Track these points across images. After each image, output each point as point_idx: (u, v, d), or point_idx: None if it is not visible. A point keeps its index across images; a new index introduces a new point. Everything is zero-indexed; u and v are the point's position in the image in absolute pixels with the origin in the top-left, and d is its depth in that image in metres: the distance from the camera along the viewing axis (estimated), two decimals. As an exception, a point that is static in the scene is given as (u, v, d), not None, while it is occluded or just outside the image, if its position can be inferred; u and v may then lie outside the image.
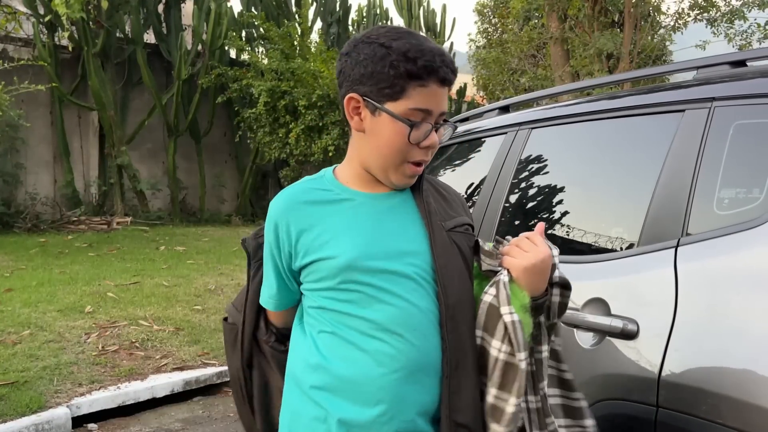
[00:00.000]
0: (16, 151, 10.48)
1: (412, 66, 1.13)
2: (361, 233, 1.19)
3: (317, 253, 1.19)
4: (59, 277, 6.48)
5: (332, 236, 1.19)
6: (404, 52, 1.14)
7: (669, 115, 1.72)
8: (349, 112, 1.21)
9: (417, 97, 1.15)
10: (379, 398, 1.14)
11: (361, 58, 1.18)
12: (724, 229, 1.44)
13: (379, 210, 1.23)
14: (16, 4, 10.74)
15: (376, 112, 1.17)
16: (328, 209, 1.22)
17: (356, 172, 1.25)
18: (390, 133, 1.17)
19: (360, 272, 1.17)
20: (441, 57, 1.16)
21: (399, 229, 1.22)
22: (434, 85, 1.15)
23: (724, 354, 1.33)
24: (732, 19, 12.25)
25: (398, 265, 1.18)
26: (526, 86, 14.00)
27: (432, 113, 1.17)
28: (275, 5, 13.00)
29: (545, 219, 2.15)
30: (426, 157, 1.21)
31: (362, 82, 1.18)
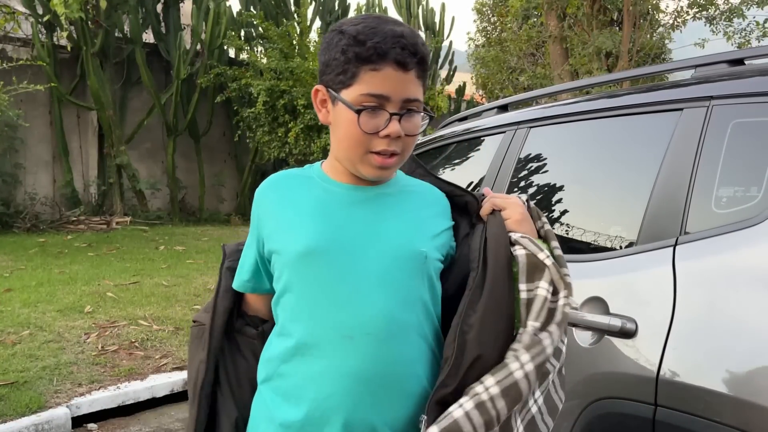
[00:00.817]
0: (15, 151, 10.47)
1: (360, 48, 1.06)
2: (326, 221, 1.13)
3: (278, 239, 1.15)
4: (59, 277, 6.48)
5: (296, 222, 1.14)
6: (354, 35, 1.07)
7: (667, 114, 1.73)
8: (317, 104, 1.17)
9: (369, 81, 1.07)
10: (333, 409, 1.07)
11: (323, 47, 1.14)
12: (723, 228, 1.44)
13: (352, 200, 1.16)
14: (15, 3, 10.72)
15: (335, 101, 1.12)
16: (301, 194, 1.18)
17: (336, 166, 1.19)
18: (345, 122, 1.10)
19: (316, 262, 1.10)
20: (396, 39, 1.06)
21: (371, 218, 1.15)
22: (388, 68, 1.06)
23: (723, 352, 1.34)
24: (731, 18, 12.25)
25: (364, 255, 1.11)
26: (525, 85, 14.01)
27: (390, 99, 1.07)
28: (274, 4, 12.98)
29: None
30: (389, 147, 1.10)
31: (324, 72, 1.13)
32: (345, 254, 1.11)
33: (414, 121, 1.12)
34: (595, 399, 1.59)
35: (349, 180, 1.18)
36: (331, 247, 1.11)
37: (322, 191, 1.17)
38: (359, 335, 1.07)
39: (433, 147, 3.02)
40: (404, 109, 1.10)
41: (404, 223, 1.16)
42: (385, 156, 1.11)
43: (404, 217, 1.17)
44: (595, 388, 1.60)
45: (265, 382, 1.18)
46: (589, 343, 1.63)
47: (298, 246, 1.11)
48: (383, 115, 1.08)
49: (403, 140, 1.11)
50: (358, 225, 1.13)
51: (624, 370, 1.52)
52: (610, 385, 1.55)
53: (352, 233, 1.12)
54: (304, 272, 1.11)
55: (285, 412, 1.12)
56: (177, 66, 11.43)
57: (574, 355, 1.68)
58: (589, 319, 1.64)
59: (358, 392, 1.07)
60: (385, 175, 1.16)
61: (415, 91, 1.11)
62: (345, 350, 1.07)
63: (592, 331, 1.63)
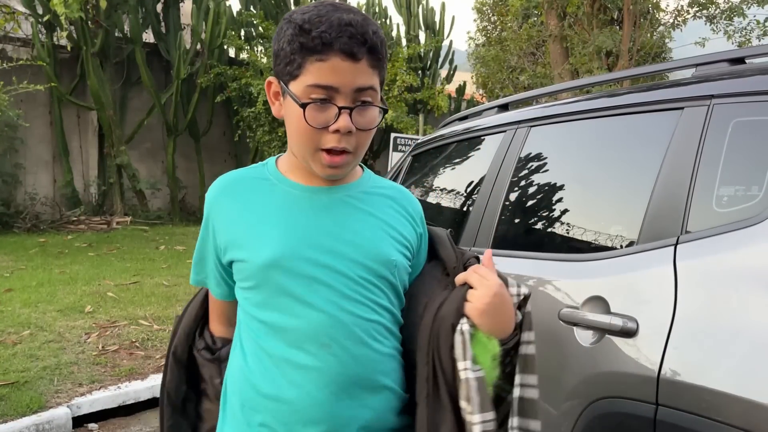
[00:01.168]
0: (15, 151, 10.47)
1: (305, 38, 0.99)
2: (291, 228, 1.07)
3: (241, 248, 1.09)
4: (59, 277, 6.48)
5: (259, 230, 1.08)
6: (300, 24, 1.01)
7: (668, 113, 1.72)
8: (270, 97, 1.11)
9: (316, 72, 1.00)
10: (313, 418, 1.04)
11: (274, 37, 1.08)
12: (724, 227, 1.44)
13: (316, 205, 1.10)
14: (15, 3, 10.72)
15: (285, 94, 1.06)
16: (261, 200, 1.11)
17: (292, 162, 1.13)
18: (294, 116, 1.03)
19: (283, 273, 1.05)
20: (343, 27, 0.99)
21: (337, 225, 1.09)
22: (335, 58, 0.99)
23: (724, 351, 1.33)
24: (731, 16, 12.25)
25: (331, 263, 1.07)
26: (525, 84, 14.00)
27: (339, 90, 1.00)
28: (274, 4, 12.98)
29: (545, 217, 2.16)
30: (339, 144, 1.03)
31: (275, 63, 1.07)
32: (312, 264, 1.06)
33: (368, 115, 1.05)
34: (596, 398, 1.59)
35: (309, 180, 1.12)
36: (297, 257, 1.06)
37: (282, 195, 1.11)
38: (334, 343, 1.05)
39: (434, 147, 3.02)
40: (356, 101, 1.03)
41: (371, 230, 1.12)
42: (334, 154, 1.04)
43: (371, 223, 1.12)
44: (595, 388, 1.60)
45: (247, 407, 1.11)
46: (590, 342, 1.63)
47: (262, 257, 1.06)
48: (332, 109, 1.01)
49: (356, 136, 1.04)
50: (323, 233, 1.08)
51: (625, 370, 1.52)
52: (611, 384, 1.55)
53: (318, 241, 1.07)
54: (272, 281, 1.06)
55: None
56: (177, 66, 11.42)
57: (574, 355, 1.68)
58: (590, 318, 1.64)
59: (338, 395, 1.05)
60: (337, 174, 1.08)
61: (367, 80, 1.03)
62: (324, 357, 1.05)
63: (593, 331, 1.63)
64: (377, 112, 1.07)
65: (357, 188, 1.15)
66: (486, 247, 2.18)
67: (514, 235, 2.21)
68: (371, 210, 1.14)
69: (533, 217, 2.20)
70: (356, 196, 1.14)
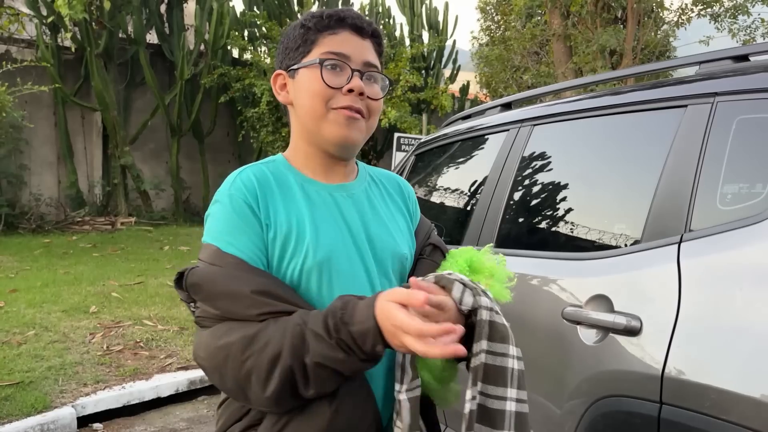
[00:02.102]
0: (20, 152, 10.51)
1: (319, 19, 1.13)
2: (329, 229, 1.11)
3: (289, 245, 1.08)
4: (64, 277, 6.50)
5: (301, 229, 1.08)
6: (311, 14, 1.15)
7: (671, 111, 1.72)
8: (276, 90, 1.19)
9: (329, 43, 1.12)
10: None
11: (282, 38, 1.19)
12: (728, 225, 1.43)
13: (342, 205, 1.15)
14: (19, 5, 10.75)
15: (295, 73, 1.15)
16: (288, 194, 1.12)
17: (304, 152, 1.17)
18: (308, 82, 1.11)
19: (327, 271, 1.08)
20: (350, 10, 1.15)
21: (364, 224, 1.16)
22: (346, 32, 1.13)
23: (728, 350, 1.33)
24: (736, 15, 12.21)
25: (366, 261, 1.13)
26: (529, 83, 13.98)
27: (350, 58, 1.11)
28: (277, 4, 12.98)
29: (548, 216, 2.15)
30: (354, 103, 1.10)
31: (282, 59, 1.18)
32: (351, 263, 1.11)
33: (376, 87, 1.15)
34: (600, 397, 1.58)
35: (325, 177, 1.17)
36: (339, 256, 1.10)
37: (308, 194, 1.13)
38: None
39: (437, 145, 3.02)
40: (365, 70, 1.13)
41: (385, 226, 1.20)
42: (351, 110, 1.10)
43: (384, 219, 1.20)
44: (599, 386, 1.59)
45: None
46: (594, 341, 1.63)
47: (308, 256, 1.07)
48: (345, 72, 1.11)
49: (367, 103, 1.13)
50: (351, 231, 1.14)
51: (629, 368, 1.51)
52: (615, 383, 1.55)
53: (348, 240, 1.13)
54: (314, 279, 1.08)
55: None
56: (180, 66, 11.45)
57: (578, 354, 1.67)
58: (593, 317, 1.63)
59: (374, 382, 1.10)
60: (351, 137, 1.12)
61: (373, 58, 1.15)
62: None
63: (597, 329, 1.63)
64: (384, 85, 1.17)
65: (364, 179, 1.23)
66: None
67: (517, 234, 2.20)
68: (379, 203, 1.22)
69: (536, 216, 2.20)
70: (366, 191, 1.22)
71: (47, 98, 10.61)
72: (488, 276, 1.16)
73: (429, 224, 1.36)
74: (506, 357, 1.04)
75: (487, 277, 1.16)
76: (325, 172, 1.18)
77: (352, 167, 1.24)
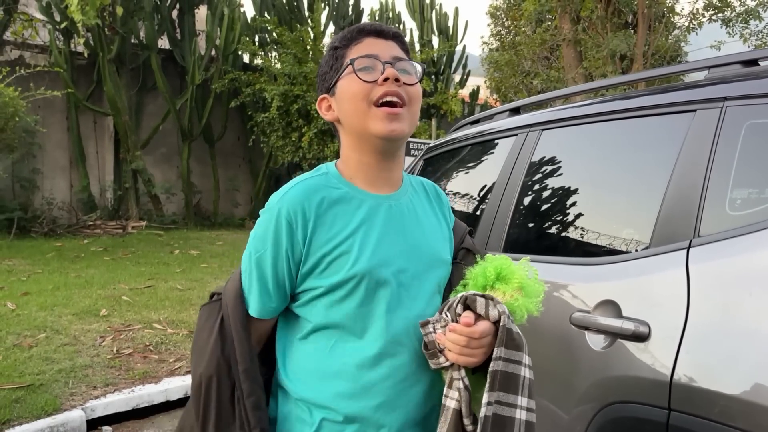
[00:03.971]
0: (33, 157, 10.60)
1: (343, 37, 1.22)
2: (377, 240, 1.16)
3: (333, 255, 1.14)
4: (75, 280, 6.54)
5: (349, 239, 1.14)
6: (339, 35, 1.24)
7: (680, 116, 1.71)
8: (323, 111, 1.25)
9: (356, 50, 1.19)
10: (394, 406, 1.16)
11: (318, 72, 1.28)
12: (737, 230, 1.42)
13: (390, 216, 1.20)
14: (33, 11, 10.87)
15: (334, 89, 1.21)
16: (342, 208, 1.17)
17: (355, 163, 1.22)
18: (346, 88, 1.19)
19: (375, 281, 1.14)
20: (370, 22, 1.24)
21: (409, 235, 1.22)
22: (369, 38, 1.20)
23: (737, 356, 1.32)
24: (747, 20, 12.13)
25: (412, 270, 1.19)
26: (539, 88, 13.95)
27: (378, 56, 1.18)
28: (288, 10, 13.06)
29: (556, 220, 2.15)
30: (391, 88, 1.16)
31: (320, 84, 1.26)
32: (397, 273, 1.17)
33: (409, 72, 1.20)
34: (608, 403, 1.57)
35: (374, 186, 1.21)
36: (386, 267, 1.16)
37: (358, 205, 1.19)
38: (408, 342, 1.17)
39: (446, 150, 3.02)
40: (395, 60, 1.19)
41: (430, 234, 1.26)
42: (391, 105, 1.16)
43: (427, 227, 1.26)
44: (608, 392, 1.58)
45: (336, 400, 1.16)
46: (602, 346, 1.62)
47: (359, 266, 1.13)
48: (377, 66, 1.17)
49: (405, 89, 1.17)
50: (399, 240, 1.20)
51: (637, 374, 1.50)
52: (623, 389, 1.54)
53: (400, 251, 1.19)
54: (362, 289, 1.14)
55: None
56: (192, 71, 11.52)
57: (586, 359, 1.66)
58: (601, 322, 1.63)
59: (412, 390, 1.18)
60: (395, 131, 1.16)
61: (400, 53, 1.21)
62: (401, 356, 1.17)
63: (605, 335, 1.62)
64: (417, 71, 1.22)
65: (407, 191, 1.27)
66: (498, 251, 2.18)
67: (525, 239, 2.20)
68: (421, 211, 1.28)
69: (545, 221, 2.19)
70: (413, 201, 1.27)
71: (60, 103, 10.72)
72: (516, 288, 1.18)
73: (464, 227, 1.39)
74: (519, 365, 1.09)
75: (515, 288, 1.18)
76: (375, 181, 1.22)
77: (399, 175, 1.27)
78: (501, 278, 1.19)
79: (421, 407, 1.19)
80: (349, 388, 1.15)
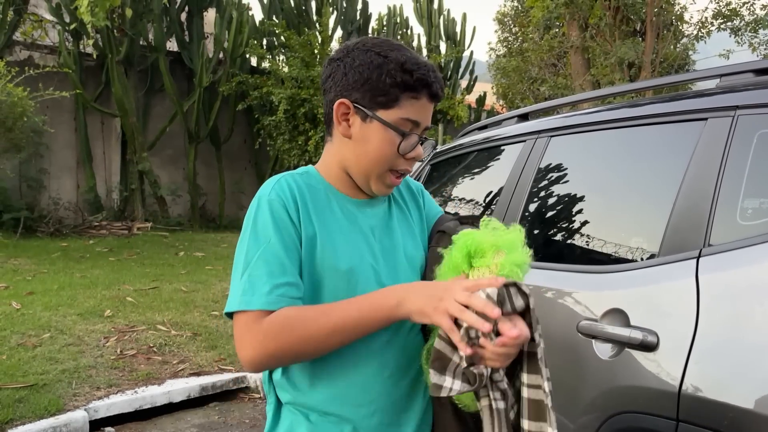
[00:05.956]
0: (40, 157, 10.64)
1: (408, 77, 1.14)
2: (357, 242, 1.19)
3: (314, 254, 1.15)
4: (80, 281, 6.55)
5: (333, 240, 1.16)
6: (402, 63, 1.14)
7: (691, 124, 1.70)
8: (338, 117, 1.19)
9: (409, 108, 1.16)
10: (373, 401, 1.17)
11: (356, 64, 1.16)
12: (748, 240, 1.41)
13: (370, 220, 1.23)
14: (42, 12, 10.94)
15: (368, 119, 1.16)
16: (326, 210, 1.19)
17: (336, 174, 1.23)
18: (380, 141, 1.16)
19: (354, 281, 1.16)
20: (434, 73, 1.18)
21: (386, 237, 1.24)
22: (425, 98, 1.17)
23: (747, 367, 1.30)
24: (756, 29, 12.12)
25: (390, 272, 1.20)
26: (546, 95, 13.94)
27: (420, 125, 1.18)
28: (296, 14, 13.09)
29: (564, 228, 2.13)
30: (410, 167, 1.22)
31: (355, 89, 1.16)
32: (376, 274, 1.19)
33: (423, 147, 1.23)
34: (616, 413, 1.56)
35: (355, 193, 1.24)
36: (362, 267, 1.17)
37: (340, 208, 1.21)
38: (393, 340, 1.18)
39: (453, 155, 3.01)
40: (423, 136, 1.21)
41: (405, 234, 1.28)
42: (399, 176, 1.22)
43: (404, 226, 1.28)
44: (615, 402, 1.57)
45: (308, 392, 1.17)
46: (609, 355, 1.60)
47: (336, 266, 1.15)
48: (413, 139, 1.18)
49: (415, 162, 1.23)
50: (378, 242, 1.22)
51: (645, 384, 1.49)
52: (631, 398, 1.52)
53: (379, 253, 1.21)
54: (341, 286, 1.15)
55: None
56: (199, 74, 11.56)
57: (593, 368, 1.65)
58: (609, 331, 1.61)
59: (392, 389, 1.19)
60: (388, 193, 1.26)
61: (431, 120, 1.23)
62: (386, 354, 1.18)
63: (612, 344, 1.61)
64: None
65: (383, 200, 1.28)
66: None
67: (532, 246, 2.18)
68: (402, 217, 1.29)
69: (552, 228, 2.18)
70: (390, 204, 1.29)
71: (68, 104, 10.75)
72: (494, 254, 1.07)
73: (438, 210, 1.39)
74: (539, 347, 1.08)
75: (494, 255, 1.07)
76: (353, 191, 1.24)
77: None
78: (475, 254, 1.09)
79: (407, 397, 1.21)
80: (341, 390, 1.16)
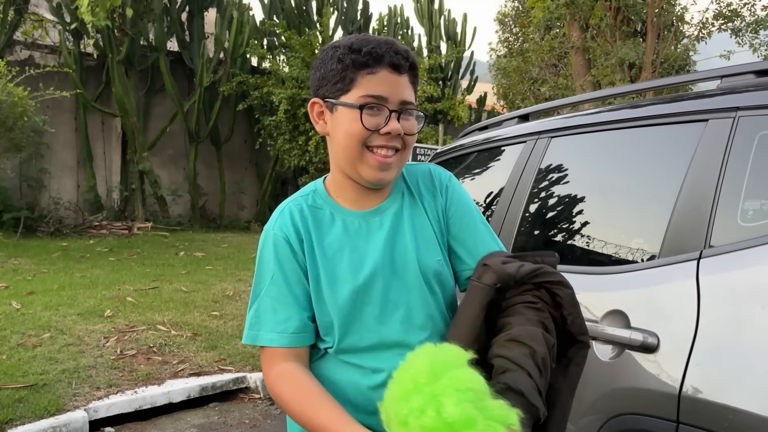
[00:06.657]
0: (41, 156, 10.64)
1: (356, 55, 1.13)
2: (360, 259, 1.17)
3: (321, 285, 1.17)
4: (80, 281, 6.55)
5: (332, 269, 1.17)
6: (349, 45, 1.15)
7: (692, 125, 1.70)
8: (314, 117, 1.22)
9: (368, 84, 1.13)
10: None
11: (317, 64, 1.20)
12: (749, 242, 1.40)
13: (372, 228, 1.20)
14: (43, 11, 10.94)
15: (334, 108, 1.17)
16: (327, 233, 1.19)
17: (339, 182, 1.23)
18: (346, 122, 1.15)
19: (361, 300, 1.15)
20: (388, 45, 1.15)
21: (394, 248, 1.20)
22: (384, 71, 1.14)
23: (747, 369, 1.30)
24: (757, 29, 12.11)
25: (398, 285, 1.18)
26: (546, 95, 13.93)
27: (387, 100, 1.14)
28: (296, 14, 13.09)
29: (564, 229, 2.13)
30: (389, 143, 1.15)
31: (320, 86, 1.19)
32: (384, 289, 1.17)
33: (411, 121, 1.18)
34: (616, 414, 1.56)
35: (358, 204, 1.22)
36: (369, 286, 1.16)
37: (342, 226, 1.20)
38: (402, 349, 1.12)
39: (453, 156, 3.01)
40: (404, 109, 1.16)
41: (419, 239, 1.21)
42: (386, 155, 1.15)
43: (417, 230, 1.22)
44: (615, 404, 1.57)
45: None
46: (610, 357, 1.60)
47: (340, 292, 1.15)
48: (383, 113, 1.14)
49: (403, 138, 1.16)
50: (387, 254, 1.18)
51: (645, 386, 1.49)
52: (631, 400, 1.52)
53: (384, 265, 1.17)
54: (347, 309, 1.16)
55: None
56: (200, 74, 11.56)
57: (593, 370, 1.65)
58: (609, 332, 1.61)
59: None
60: (386, 178, 1.18)
61: (409, 94, 1.17)
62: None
63: (613, 345, 1.60)
64: (417, 119, 1.20)
65: (396, 198, 1.24)
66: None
67: (533, 247, 2.18)
68: (414, 219, 1.23)
69: (553, 229, 2.18)
70: (401, 208, 1.23)
71: (69, 103, 10.76)
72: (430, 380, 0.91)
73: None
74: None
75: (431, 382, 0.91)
76: (359, 199, 1.22)
77: (387, 188, 1.26)
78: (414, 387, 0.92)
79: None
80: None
